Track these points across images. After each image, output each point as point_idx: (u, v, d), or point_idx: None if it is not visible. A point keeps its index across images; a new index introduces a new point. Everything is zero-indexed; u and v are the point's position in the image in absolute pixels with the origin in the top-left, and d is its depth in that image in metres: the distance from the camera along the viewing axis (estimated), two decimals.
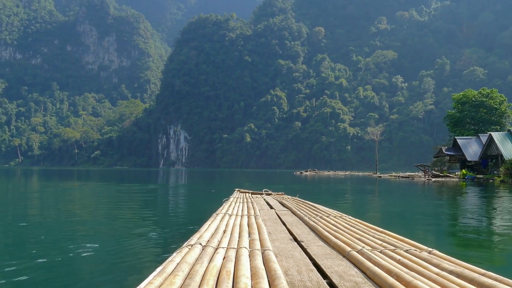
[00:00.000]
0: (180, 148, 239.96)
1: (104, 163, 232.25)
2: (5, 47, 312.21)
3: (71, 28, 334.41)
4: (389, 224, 11.95)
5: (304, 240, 4.70)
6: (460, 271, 2.98)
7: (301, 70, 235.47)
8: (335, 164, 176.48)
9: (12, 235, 10.10)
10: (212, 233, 4.57)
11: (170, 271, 2.83)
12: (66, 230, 10.88)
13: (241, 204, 8.76)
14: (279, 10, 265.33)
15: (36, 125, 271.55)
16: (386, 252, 3.72)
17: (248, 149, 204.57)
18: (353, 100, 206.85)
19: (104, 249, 8.18)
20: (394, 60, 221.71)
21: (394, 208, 17.06)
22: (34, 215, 14.28)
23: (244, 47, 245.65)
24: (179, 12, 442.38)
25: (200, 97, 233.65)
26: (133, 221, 12.94)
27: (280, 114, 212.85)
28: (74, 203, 19.31)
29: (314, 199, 20.54)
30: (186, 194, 27.02)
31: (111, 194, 25.30)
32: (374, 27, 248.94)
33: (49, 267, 6.62)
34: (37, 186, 35.39)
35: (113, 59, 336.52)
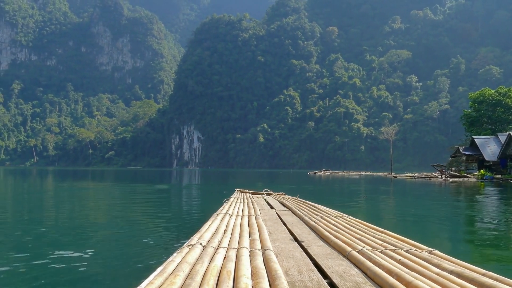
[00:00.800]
0: (194, 148, 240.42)
1: (118, 163, 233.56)
2: (21, 48, 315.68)
3: (85, 29, 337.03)
4: (410, 231, 11.57)
5: (304, 240, 4.66)
6: (460, 271, 2.97)
7: (314, 70, 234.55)
8: (348, 164, 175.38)
9: (16, 231, 10.25)
10: (213, 233, 4.55)
11: (170, 271, 2.83)
12: (67, 229, 10.95)
13: (241, 204, 8.77)
14: (292, 10, 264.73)
15: (51, 126, 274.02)
16: (386, 252, 3.72)
17: (261, 149, 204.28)
18: (366, 100, 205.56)
19: (104, 249, 8.24)
20: (408, 60, 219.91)
21: (415, 211, 16.31)
22: (42, 214, 14.44)
23: (257, 47, 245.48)
24: (192, 12, 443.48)
25: (213, 97, 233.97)
26: (135, 221, 12.96)
27: (293, 114, 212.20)
28: (79, 203, 19.32)
29: (328, 200, 19.95)
30: (197, 195, 26.77)
31: (120, 194, 25.29)
32: (388, 26, 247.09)
33: (47, 266, 6.61)
34: (51, 186, 35.49)
35: (127, 60, 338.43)
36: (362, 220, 6.22)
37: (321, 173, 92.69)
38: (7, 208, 16.98)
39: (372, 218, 13.14)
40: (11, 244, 8.72)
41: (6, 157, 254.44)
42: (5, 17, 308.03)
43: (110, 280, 5.95)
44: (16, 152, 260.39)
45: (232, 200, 9.50)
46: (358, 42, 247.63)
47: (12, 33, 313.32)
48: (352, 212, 7.57)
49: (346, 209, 16.10)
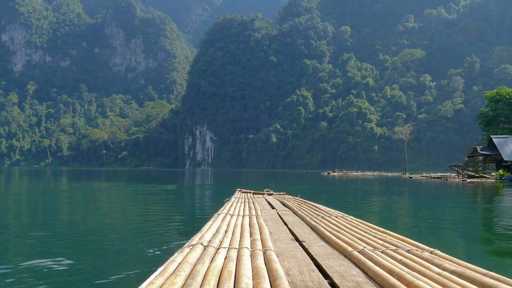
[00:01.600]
0: (206, 148, 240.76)
1: (131, 163, 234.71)
2: (35, 50, 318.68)
3: (98, 30, 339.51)
4: (429, 235, 11.17)
5: (305, 240, 4.67)
6: (461, 271, 2.97)
7: (327, 69, 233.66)
8: (361, 164, 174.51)
9: (25, 230, 10.24)
10: (214, 233, 4.58)
11: (171, 271, 2.83)
12: (70, 228, 11.21)
13: (242, 204, 8.83)
14: (305, 10, 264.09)
15: (65, 126, 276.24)
16: (387, 252, 3.71)
17: (273, 150, 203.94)
18: (380, 99, 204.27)
19: (105, 249, 8.30)
20: (422, 59, 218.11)
21: (435, 213, 15.53)
22: (53, 215, 14.53)
23: (269, 47, 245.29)
24: (205, 13, 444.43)
25: (226, 98, 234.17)
26: (139, 221, 13.00)
27: (306, 114, 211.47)
28: (87, 204, 19.37)
29: (346, 203, 19.52)
30: (206, 195, 26.62)
31: (127, 195, 25.41)
32: (401, 26, 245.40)
33: (47, 265, 6.69)
34: (65, 187, 35.62)
35: (140, 61, 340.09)
36: (382, 222, 6.17)
37: (334, 174, 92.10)
38: (21, 207, 17.13)
39: (392, 222, 12.77)
40: (17, 244, 8.85)
41: (21, 158, 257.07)
42: (20, 18, 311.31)
43: (111, 280, 5.90)
44: (30, 152, 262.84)
45: (233, 200, 9.56)
46: (371, 42, 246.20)
47: (26, 35, 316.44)
48: (372, 216, 7.35)
49: (365, 212, 15.79)
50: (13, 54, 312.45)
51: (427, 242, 4.21)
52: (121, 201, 20.76)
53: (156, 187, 33.24)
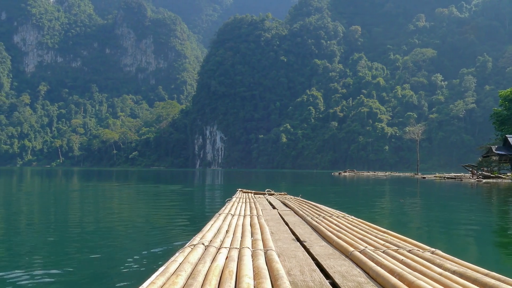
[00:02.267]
0: (216, 148, 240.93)
1: (141, 163, 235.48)
2: (47, 50, 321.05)
3: (109, 31, 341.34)
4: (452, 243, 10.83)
5: (306, 240, 4.71)
6: (463, 271, 2.97)
7: (338, 69, 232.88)
8: (372, 164, 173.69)
9: (39, 228, 10.41)
10: (215, 233, 4.61)
11: (172, 271, 2.84)
12: (72, 227, 11.42)
13: (243, 204, 8.88)
14: (315, 10, 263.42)
15: (76, 127, 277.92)
16: (388, 252, 3.71)
17: (284, 150, 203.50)
18: (390, 99, 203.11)
19: (106, 248, 8.36)
20: (433, 58, 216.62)
21: (454, 216, 14.79)
22: (56, 214, 14.82)
23: (279, 47, 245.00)
24: (215, 13, 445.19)
25: (236, 98, 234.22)
26: (140, 221, 13.10)
27: (316, 114, 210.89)
28: (90, 204, 19.46)
29: (356, 205, 19.12)
30: (211, 195, 26.53)
31: (135, 195, 25.48)
32: (413, 25, 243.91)
33: (46, 264, 6.83)
34: (73, 187, 35.74)
35: (151, 61, 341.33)
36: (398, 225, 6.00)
37: (345, 174, 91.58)
38: (30, 207, 17.28)
39: (406, 225, 12.40)
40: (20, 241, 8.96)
41: (33, 158, 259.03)
42: (32, 20, 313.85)
43: (113, 280, 5.92)
44: (42, 152, 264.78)
45: (234, 200, 9.64)
46: (382, 41, 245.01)
47: (38, 36, 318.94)
48: (386, 219, 7.17)
49: (379, 214, 15.49)
50: (25, 55, 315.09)
51: (435, 245, 4.26)
52: (125, 201, 20.83)
53: (161, 187, 33.22)
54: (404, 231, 5.51)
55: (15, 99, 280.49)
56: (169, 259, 3.23)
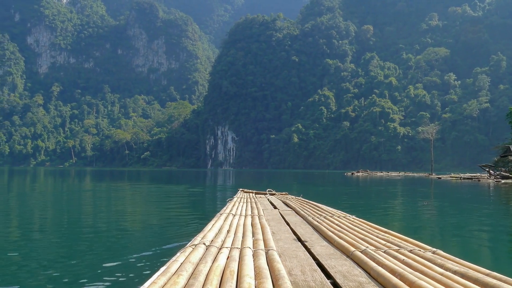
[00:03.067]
0: (228, 148, 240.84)
1: (153, 163, 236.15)
2: (60, 52, 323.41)
3: (121, 32, 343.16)
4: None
5: (307, 240, 4.76)
6: (464, 271, 2.97)
7: (349, 69, 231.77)
8: (384, 164, 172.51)
9: (46, 228, 10.77)
10: (216, 233, 4.66)
11: (174, 270, 2.84)
12: (76, 227, 11.72)
13: (244, 204, 8.95)
14: (327, 9, 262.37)
15: (88, 127, 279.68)
16: (390, 252, 3.73)
17: (295, 150, 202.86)
18: (403, 99, 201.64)
19: (108, 248, 8.48)
20: (446, 57, 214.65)
21: (488, 224, 13.40)
22: (65, 215, 14.95)
23: (291, 47, 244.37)
24: (226, 13, 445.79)
25: (248, 98, 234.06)
26: (143, 221, 13.29)
27: (328, 114, 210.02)
28: (103, 204, 19.74)
29: (371, 207, 18.59)
30: (215, 195, 26.36)
31: (143, 195, 25.62)
32: (425, 24, 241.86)
33: (49, 263, 7.04)
34: (87, 187, 35.87)
35: (162, 62, 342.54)
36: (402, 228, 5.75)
37: (358, 174, 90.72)
38: (43, 206, 17.37)
39: (431, 231, 11.78)
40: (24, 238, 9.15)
41: (46, 158, 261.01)
42: (45, 21, 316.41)
43: (114, 279, 5.93)
44: (55, 153, 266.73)
45: (236, 200, 9.72)
46: (394, 41, 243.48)
47: (51, 37, 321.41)
48: (407, 224, 6.91)
49: (400, 219, 15.02)
50: (39, 56, 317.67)
51: (451, 251, 4.20)
52: (130, 201, 20.96)
53: (169, 188, 33.15)
54: (423, 237, 5.22)
55: (28, 100, 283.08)
56: (171, 259, 3.24)
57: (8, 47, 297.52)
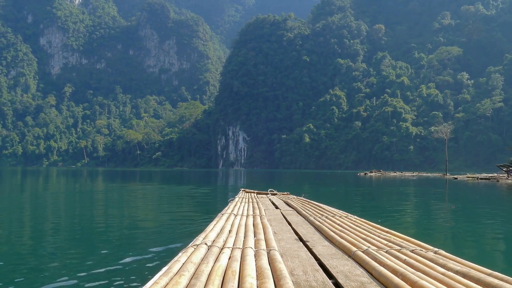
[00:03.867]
0: (239, 149, 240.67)
1: (165, 164, 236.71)
2: (72, 52, 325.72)
3: (133, 32, 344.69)
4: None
5: (309, 240, 4.79)
6: (466, 271, 2.97)
7: (361, 68, 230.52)
8: (396, 164, 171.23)
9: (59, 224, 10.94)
10: (218, 233, 4.70)
11: (175, 271, 2.84)
12: (80, 227, 11.94)
13: (246, 204, 8.96)
14: (338, 9, 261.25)
15: (100, 127, 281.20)
16: (391, 252, 3.73)
17: (307, 150, 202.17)
18: (415, 98, 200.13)
19: (111, 248, 8.52)
20: (459, 57, 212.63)
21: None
22: (71, 216, 15.08)
23: (302, 47, 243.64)
24: (237, 14, 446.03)
25: (259, 98, 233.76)
26: (146, 221, 13.41)
27: (339, 113, 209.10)
28: (105, 204, 19.98)
29: (386, 210, 17.98)
30: (219, 195, 26.15)
31: (152, 195, 25.87)
32: (438, 23, 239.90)
33: (52, 262, 7.21)
34: (97, 188, 35.89)
35: (173, 62, 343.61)
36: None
37: (371, 174, 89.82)
38: (54, 205, 17.52)
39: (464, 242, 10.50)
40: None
41: (58, 158, 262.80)
42: (57, 22, 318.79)
43: (117, 279, 5.95)
44: (67, 153, 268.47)
45: (237, 200, 9.73)
46: (406, 40, 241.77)
47: (64, 38, 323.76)
48: (429, 230, 6.60)
49: (420, 223, 14.49)
50: (51, 57, 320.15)
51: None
52: (135, 202, 21.11)
53: (178, 188, 32.95)
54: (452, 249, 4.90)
55: (41, 101, 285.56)
56: (172, 259, 3.24)
57: (21, 48, 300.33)
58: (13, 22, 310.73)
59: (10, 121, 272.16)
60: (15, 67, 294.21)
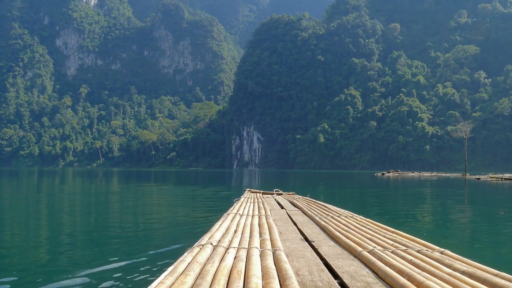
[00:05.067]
0: (253, 149, 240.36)
1: (179, 164, 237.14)
2: (88, 53, 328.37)
3: (148, 33, 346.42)
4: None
5: (315, 240, 4.81)
6: (472, 272, 2.95)
7: (376, 68, 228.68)
8: (412, 164, 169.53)
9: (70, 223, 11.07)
10: (223, 233, 4.73)
11: (181, 270, 2.85)
12: (88, 227, 12.00)
13: (252, 204, 8.94)
14: (353, 8, 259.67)
15: (116, 128, 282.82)
16: (397, 252, 3.73)
17: (321, 150, 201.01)
18: (431, 98, 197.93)
19: (116, 248, 8.53)
20: (476, 55, 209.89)
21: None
22: (80, 215, 15.26)
23: (316, 46, 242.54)
24: (252, 14, 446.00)
25: (273, 98, 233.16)
26: (152, 221, 13.36)
27: (354, 113, 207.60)
28: (117, 205, 19.93)
29: (419, 220, 16.69)
30: (224, 196, 25.75)
31: (162, 196, 25.86)
32: (454, 21, 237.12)
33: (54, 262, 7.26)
34: (110, 189, 35.90)
35: (188, 63, 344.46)
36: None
37: (389, 174, 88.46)
38: (68, 206, 17.79)
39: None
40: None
41: (74, 159, 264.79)
42: (73, 24, 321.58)
43: (121, 279, 5.91)
44: (83, 153, 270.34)
45: (243, 200, 9.71)
46: (422, 39, 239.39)
47: (79, 39, 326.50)
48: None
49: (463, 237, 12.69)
50: (67, 59, 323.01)
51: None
52: (144, 202, 21.06)
53: (189, 189, 32.65)
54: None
55: (57, 102, 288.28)
56: (178, 258, 3.25)
57: (37, 49, 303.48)
58: (30, 24, 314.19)
59: (27, 122, 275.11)
60: (32, 69, 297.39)
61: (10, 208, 17.53)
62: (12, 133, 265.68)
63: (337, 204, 9.79)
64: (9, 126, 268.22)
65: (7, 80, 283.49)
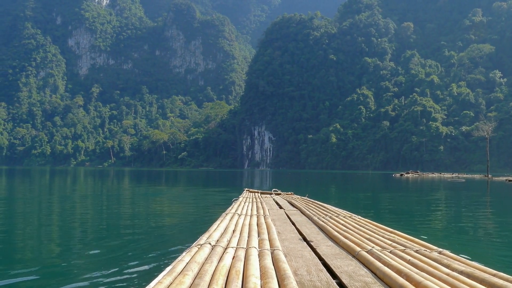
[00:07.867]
0: (265, 149, 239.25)
1: (190, 164, 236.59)
2: (100, 53, 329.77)
3: (159, 33, 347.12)
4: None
5: (313, 240, 4.84)
6: (470, 272, 2.96)
7: (389, 67, 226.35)
8: (426, 165, 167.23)
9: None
10: (222, 232, 4.75)
11: (179, 270, 2.85)
12: (90, 227, 12.09)
13: (250, 204, 8.87)
14: (365, 7, 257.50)
15: (127, 128, 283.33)
16: (396, 252, 3.74)
17: (333, 150, 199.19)
18: (445, 97, 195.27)
19: (115, 248, 8.34)
20: (491, 54, 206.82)
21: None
22: (85, 216, 14.93)
23: (329, 46, 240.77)
24: (263, 14, 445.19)
25: (285, 98, 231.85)
26: (151, 221, 13.16)
27: (367, 113, 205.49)
28: (122, 204, 19.95)
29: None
30: (226, 196, 24.84)
31: (161, 196, 25.63)
32: (468, 20, 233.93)
33: (55, 263, 7.23)
34: (126, 188, 35.35)
35: (199, 62, 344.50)
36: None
37: (408, 175, 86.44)
38: (78, 207, 17.72)
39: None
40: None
41: (86, 158, 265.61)
42: (85, 24, 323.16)
43: (120, 279, 5.92)
44: (95, 153, 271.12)
45: (241, 200, 9.64)
46: (436, 38, 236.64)
47: (91, 39, 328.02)
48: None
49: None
50: (79, 58, 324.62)
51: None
52: (148, 203, 20.81)
53: (198, 190, 31.76)
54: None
55: (69, 101, 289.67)
56: (176, 258, 3.25)
57: (50, 49, 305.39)
58: (43, 24, 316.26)
59: (39, 121, 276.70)
60: (44, 68, 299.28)
61: (23, 207, 17.50)
62: (24, 133, 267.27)
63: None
64: (21, 125, 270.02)
65: (20, 80, 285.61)
